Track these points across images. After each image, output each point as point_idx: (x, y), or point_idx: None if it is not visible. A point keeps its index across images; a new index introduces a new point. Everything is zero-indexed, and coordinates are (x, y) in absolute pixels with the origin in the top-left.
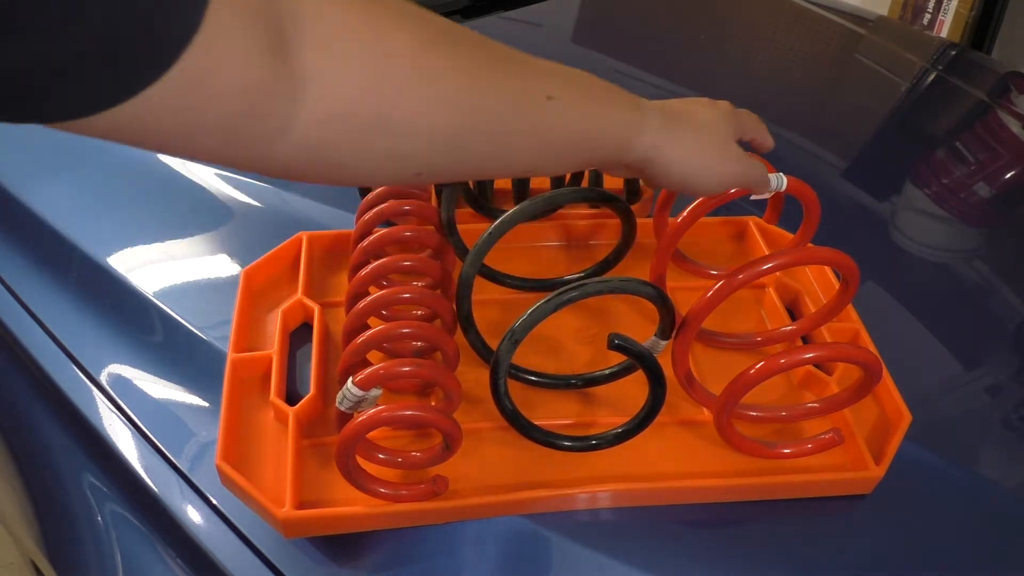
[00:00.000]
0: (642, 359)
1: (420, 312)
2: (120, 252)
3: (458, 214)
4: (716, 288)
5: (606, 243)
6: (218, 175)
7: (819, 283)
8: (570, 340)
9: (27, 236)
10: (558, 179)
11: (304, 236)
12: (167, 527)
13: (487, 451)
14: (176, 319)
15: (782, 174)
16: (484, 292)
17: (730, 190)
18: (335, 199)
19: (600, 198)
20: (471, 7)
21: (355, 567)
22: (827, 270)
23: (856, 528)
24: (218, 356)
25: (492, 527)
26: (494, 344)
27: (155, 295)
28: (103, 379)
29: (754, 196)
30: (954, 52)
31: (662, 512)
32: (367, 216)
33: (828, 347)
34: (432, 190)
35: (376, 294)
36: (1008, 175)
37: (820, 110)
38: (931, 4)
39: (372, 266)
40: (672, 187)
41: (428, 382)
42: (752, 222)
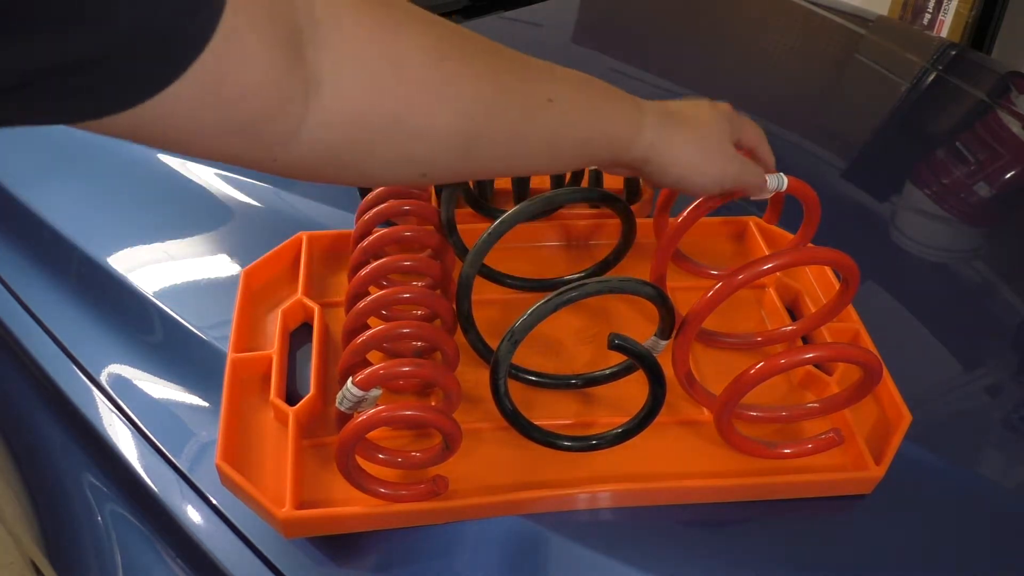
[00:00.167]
0: (642, 359)
1: (420, 312)
2: (120, 252)
3: (458, 214)
4: (716, 288)
5: (606, 243)
6: (218, 175)
7: (819, 283)
8: (570, 340)
9: (27, 236)
10: (558, 179)
11: (304, 236)
12: (167, 527)
13: (487, 451)
14: (176, 319)
15: (782, 174)
16: (484, 292)
17: (725, 190)
18: (335, 199)
19: (600, 198)
20: (471, 7)
21: (355, 567)
22: (827, 270)
23: (856, 528)
24: (218, 356)
25: (492, 527)
26: (494, 344)
27: (155, 295)
28: (103, 379)
29: (754, 196)
30: (954, 52)
31: (662, 512)
32: (367, 216)
33: (828, 347)
34: (432, 190)
35: (376, 294)
36: (1008, 175)
37: (820, 110)
38: (931, 4)
39: (372, 266)
40: (669, 186)
41: (428, 382)
42: (752, 222)
